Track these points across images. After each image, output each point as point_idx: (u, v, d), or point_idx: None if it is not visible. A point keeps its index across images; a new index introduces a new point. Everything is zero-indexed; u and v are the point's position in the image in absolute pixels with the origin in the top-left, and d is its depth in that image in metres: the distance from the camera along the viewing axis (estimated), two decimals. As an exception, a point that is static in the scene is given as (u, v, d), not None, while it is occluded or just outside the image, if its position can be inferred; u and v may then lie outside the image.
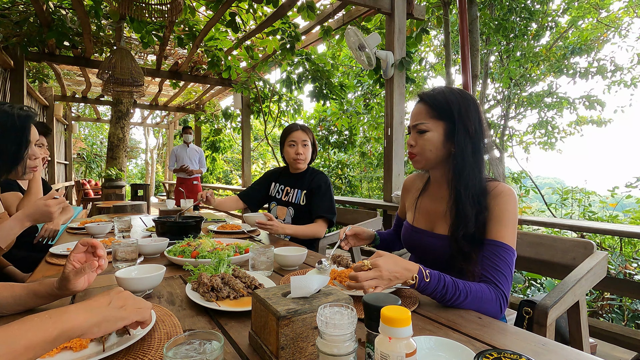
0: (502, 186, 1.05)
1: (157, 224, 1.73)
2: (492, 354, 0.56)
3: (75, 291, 0.87)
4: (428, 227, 1.19)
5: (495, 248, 0.98)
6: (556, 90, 7.79)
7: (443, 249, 1.10)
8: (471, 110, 1.07)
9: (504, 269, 0.96)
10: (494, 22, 6.06)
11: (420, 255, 1.25)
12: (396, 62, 3.02)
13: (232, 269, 1.09)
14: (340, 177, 7.68)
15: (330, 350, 0.54)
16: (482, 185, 1.06)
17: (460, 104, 1.07)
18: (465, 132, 1.06)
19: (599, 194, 4.67)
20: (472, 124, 1.06)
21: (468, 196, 1.04)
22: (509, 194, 1.03)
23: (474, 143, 1.06)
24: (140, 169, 19.96)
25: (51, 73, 6.14)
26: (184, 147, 5.71)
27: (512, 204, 1.02)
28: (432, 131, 1.10)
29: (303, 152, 2.03)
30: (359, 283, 0.86)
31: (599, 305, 2.87)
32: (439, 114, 1.09)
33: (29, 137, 1.12)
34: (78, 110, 12.85)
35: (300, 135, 2.04)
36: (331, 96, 4.71)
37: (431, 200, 1.21)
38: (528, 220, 2.27)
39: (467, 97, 1.10)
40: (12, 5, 3.77)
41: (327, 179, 2.06)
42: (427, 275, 0.91)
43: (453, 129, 1.07)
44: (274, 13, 3.42)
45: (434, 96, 1.10)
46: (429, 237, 1.17)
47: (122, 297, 0.69)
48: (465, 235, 1.03)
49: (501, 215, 1.01)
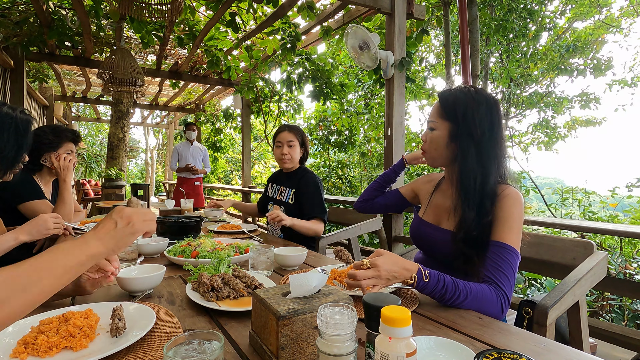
0: (509, 189, 1.04)
1: (157, 224, 1.73)
2: (492, 354, 0.56)
3: (85, 294, 0.93)
4: (435, 221, 1.21)
5: (499, 249, 0.98)
6: (554, 90, 7.79)
7: (446, 244, 1.11)
8: (479, 113, 1.04)
9: (507, 270, 0.96)
10: (494, 22, 6.06)
11: (426, 249, 1.26)
12: (396, 62, 3.02)
13: (232, 269, 1.09)
14: (340, 177, 7.67)
15: (330, 350, 0.54)
16: (488, 190, 1.03)
17: (467, 106, 1.05)
18: (469, 135, 1.04)
19: (599, 194, 4.67)
20: (478, 127, 1.03)
21: (468, 200, 1.03)
22: (515, 198, 1.02)
23: (479, 147, 1.04)
24: (140, 169, 19.97)
25: (51, 73, 6.14)
26: (187, 144, 5.45)
27: (518, 207, 1.01)
28: (438, 130, 1.11)
29: (288, 152, 2.09)
30: (357, 281, 0.87)
31: (599, 305, 2.87)
32: (446, 113, 1.09)
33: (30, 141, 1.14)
34: (78, 110, 12.85)
35: (286, 136, 2.10)
36: (331, 96, 4.70)
37: (442, 196, 1.23)
38: (528, 220, 2.25)
39: (479, 99, 1.06)
40: (12, 5, 3.77)
41: (315, 179, 2.07)
42: (427, 276, 0.91)
43: (457, 130, 1.07)
44: (274, 13, 3.42)
45: (446, 95, 1.10)
46: (434, 231, 1.18)
47: (125, 215, 0.71)
48: (465, 238, 1.03)
49: (507, 218, 1.00)
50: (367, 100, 7.73)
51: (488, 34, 6.29)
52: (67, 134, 1.97)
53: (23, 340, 0.70)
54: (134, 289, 1.00)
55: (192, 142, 5.50)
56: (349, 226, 2.42)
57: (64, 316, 0.77)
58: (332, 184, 7.53)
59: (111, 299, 1.00)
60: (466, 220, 1.03)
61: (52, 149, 1.90)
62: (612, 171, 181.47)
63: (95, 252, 0.66)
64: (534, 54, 6.93)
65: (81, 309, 0.83)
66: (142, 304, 0.88)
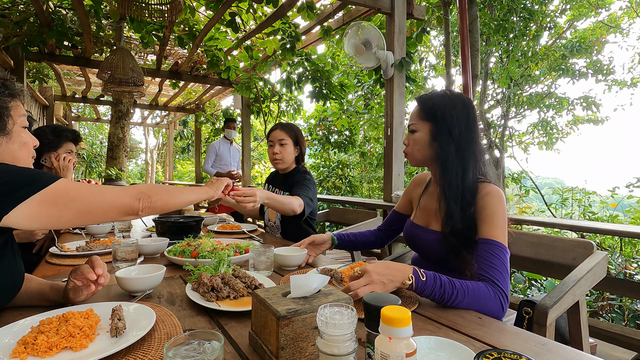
0: (490, 187, 1.08)
1: (157, 224, 1.73)
2: (492, 354, 0.56)
3: (76, 303, 0.91)
4: (424, 223, 1.25)
5: (488, 246, 1.01)
6: (555, 91, 7.79)
7: (437, 244, 1.14)
8: (457, 112, 1.11)
9: (499, 266, 0.98)
10: (494, 22, 6.06)
11: (420, 251, 1.30)
12: (396, 62, 3.02)
13: (232, 269, 1.09)
14: (340, 177, 7.66)
15: (330, 350, 0.54)
16: (468, 184, 1.09)
17: (445, 106, 1.12)
18: (449, 133, 1.11)
19: (599, 194, 4.67)
20: (457, 125, 1.10)
21: (451, 194, 1.09)
22: (496, 195, 1.06)
23: (458, 144, 1.11)
24: (140, 169, 19.96)
25: (51, 73, 6.13)
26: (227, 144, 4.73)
27: (500, 204, 1.05)
28: (420, 131, 1.17)
29: (279, 151, 2.01)
30: (353, 292, 0.87)
31: (599, 305, 2.87)
32: (426, 115, 1.15)
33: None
34: (78, 110, 12.85)
35: (277, 135, 2.02)
36: (331, 96, 4.70)
37: (429, 199, 1.27)
38: (528, 220, 2.27)
39: (456, 100, 1.13)
40: (12, 5, 3.76)
41: (306, 175, 1.99)
42: (423, 275, 0.92)
43: (436, 129, 1.13)
44: (274, 13, 3.42)
45: (425, 99, 1.17)
46: (424, 233, 1.22)
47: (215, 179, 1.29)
48: (452, 232, 1.08)
49: (491, 215, 1.04)
50: (367, 100, 7.73)
51: (488, 34, 6.29)
52: (67, 134, 1.96)
53: (23, 340, 0.70)
54: (133, 289, 1.00)
55: (232, 142, 4.84)
56: (349, 226, 2.42)
57: (64, 316, 0.77)
58: (332, 184, 7.52)
59: (111, 299, 1.00)
60: (451, 214, 1.08)
61: (52, 149, 1.89)
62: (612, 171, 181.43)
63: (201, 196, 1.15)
64: (534, 54, 6.92)
65: (81, 309, 0.83)
66: (142, 304, 0.88)
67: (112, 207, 0.86)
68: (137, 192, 0.90)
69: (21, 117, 0.93)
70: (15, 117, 0.91)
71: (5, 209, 0.73)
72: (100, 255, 1.46)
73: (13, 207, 0.73)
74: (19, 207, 0.74)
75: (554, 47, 7.67)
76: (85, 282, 0.88)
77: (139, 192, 0.90)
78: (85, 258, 1.42)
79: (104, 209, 0.85)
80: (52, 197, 0.78)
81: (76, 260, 1.40)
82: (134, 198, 0.89)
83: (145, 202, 0.90)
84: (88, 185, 0.85)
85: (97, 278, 0.88)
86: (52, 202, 0.78)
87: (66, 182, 0.81)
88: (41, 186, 0.77)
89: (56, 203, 0.78)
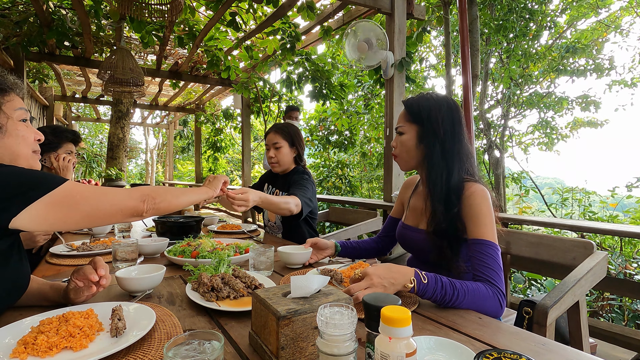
0: (474, 186, 1.09)
1: (157, 224, 1.73)
2: (492, 354, 0.56)
3: (77, 303, 0.91)
4: (414, 223, 1.27)
5: (480, 246, 1.02)
6: (555, 91, 7.78)
7: (426, 243, 1.16)
8: (442, 114, 1.13)
9: (493, 265, 0.99)
10: (494, 22, 6.05)
11: (412, 251, 1.32)
12: (396, 62, 3.02)
13: (232, 269, 1.09)
14: (340, 177, 7.66)
15: (330, 350, 0.54)
16: (454, 184, 1.10)
17: (430, 108, 1.14)
18: (434, 134, 1.13)
19: (599, 194, 4.66)
20: (442, 126, 1.12)
21: (436, 193, 1.11)
22: (481, 194, 1.07)
23: (443, 145, 1.13)
24: (140, 169, 19.96)
25: (51, 73, 6.13)
26: None
27: (486, 202, 1.06)
28: (407, 133, 1.19)
29: (274, 155, 2.01)
30: (354, 295, 0.88)
31: (599, 305, 2.87)
32: (413, 117, 1.17)
33: None
34: (78, 110, 12.85)
35: (272, 138, 2.02)
36: (331, 96, 4.70)
37: (418, 199, 1.29)
38: (528, 220, 2.27)
39: (441, 102, 1.15)
40: (12, 5, 3.76)
41: (305, 175, 1.97)
42: (424, 277, 0.92)
43: (423, 131, 1.15)
44: (274, 13, 3.42)
45: (411, 102, 1.19)
46: (414, 233, 1.24)
47: (212, 177, 1.29)
48: (436, 230, 1.10)
49: (478, 214, 1.05)
50: (367, 101, 7.73)
51: (488, 34, 6.28)
52: (67, 134, 1.96)
53: (23, 340, 0.70)
54: (133, 289, 1.00)
55: None
56: (349, 226, 2.42)
57: (64, 316, 0.77)
58: (332, 184, 7.52)
59: (111, 299, 1.00)
60: (436, 214, 1.10)
61: (52, 149, 1.89)
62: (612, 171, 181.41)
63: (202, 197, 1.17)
64: (534, 54, 6.92)
65: (81, 309, 0.83)
66: (142, 304, 0.88)
67: (117, 209, 0.86)
68: (141, 194, 0.91)
69: (17, 111, 0.92)
70: (8, 112, 0.90)
71: (14, 211, 0.73)
72: (100, 255, 1.46)
73: (21, 210, 0.73)
74: (27, 210, 0.74)
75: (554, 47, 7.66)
76: (87, 283, 0.88)
77: (144, 194, 0.91)
78: (85, 258, 1.42)
79: (109, 212, 0.85)
80: (59, 200, 0.78)
81: (76, 260, 1.40)
82: (139, 200, 0.89)
83: (150, 203, 0.91)
84: (94, 187, 0.85)
85: (99, 279, 0.88)
86: (59, 205, 0.78)
87: (73, 185, 0.82)
88: (49, 189, 0.77)
89: (63, 206, 0.78)
